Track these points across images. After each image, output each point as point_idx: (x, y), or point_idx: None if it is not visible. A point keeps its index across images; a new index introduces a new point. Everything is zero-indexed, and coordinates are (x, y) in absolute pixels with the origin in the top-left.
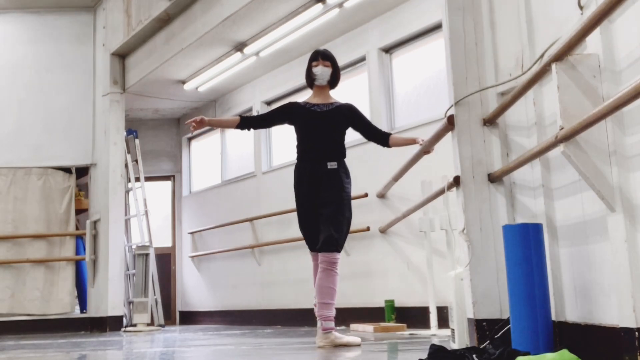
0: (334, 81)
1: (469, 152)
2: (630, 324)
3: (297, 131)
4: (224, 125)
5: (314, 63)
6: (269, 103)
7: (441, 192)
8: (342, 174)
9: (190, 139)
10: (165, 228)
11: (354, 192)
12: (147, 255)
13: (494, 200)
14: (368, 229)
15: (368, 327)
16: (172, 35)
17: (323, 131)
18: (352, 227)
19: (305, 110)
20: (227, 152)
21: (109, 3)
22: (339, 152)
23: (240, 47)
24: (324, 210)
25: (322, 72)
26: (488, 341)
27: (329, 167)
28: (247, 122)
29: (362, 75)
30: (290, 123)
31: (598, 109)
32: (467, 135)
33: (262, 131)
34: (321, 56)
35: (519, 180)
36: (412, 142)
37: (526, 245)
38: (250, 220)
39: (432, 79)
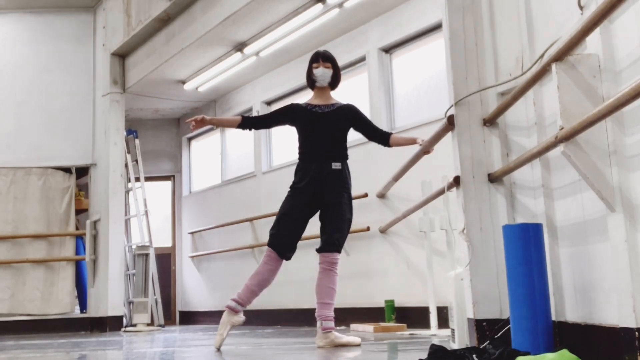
0: (334, 82)
1: (469, 152)
2: (630, 324)
3: (299, 133)
4: (225, 124)
5: (314, 64)
6: (269, 103)
7: (441, 192)
8: (346, 175)
9: (190, 139)
10: (165, 228)
11: (354, 192)
12: (147, 255)
13: (494, 200)
14: (368, 229)
15: (368, 327)
16: (172, 35)
17: (325, 132)
18: (352, 227)
19: (307, 111)
20: (227, 152)
21: (109, 3)
22: (342, 153)
23: (240, 47)
24: (326, 210)
25: (323, 73)
26: (488, 341)
27: (333, 167)
28: (248, 122)
29: (362, 75)
30: (292, 125)
31: (598, 109)
32: (467, 135)
33: (262, 131)
34: (322, 57)
35: (519, 180)
36: (412, 142)
37: (526, 245)
38: (250, 220)
39: (432, 79)
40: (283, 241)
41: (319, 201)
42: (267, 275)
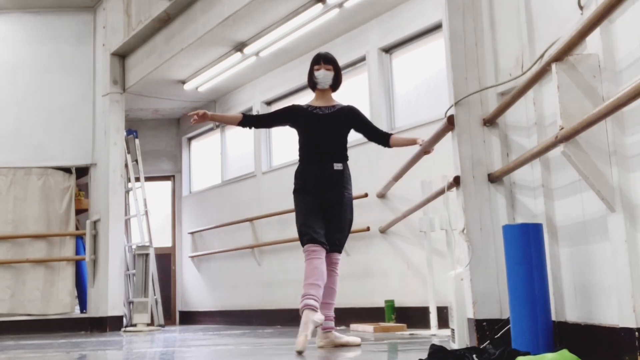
0: (336, 84)
1: (469, 152)
2: (630, 324)
3: (300, 134)
4: (226, 121)
5: (315, 67)
6: (269, 103)
7: (441, 192)
8: (347, 175)
9: (190, 139)
10: (165, 228)
11: (354, 192)
12: (147, 255)
13: (494, 200)
14: (368, 229)
15: (368, 327)
16: (172, 35)
17: (326, 133)
18: (352, 227)
19: (308, 113)
20: (227, 152)
21: (109, 3)
22: (343, 154)
23: (240, 47)
24: (327, 211)
25: (324, 75)
26: (488, 341)
27: (335, 168)
28: (249, 120)
29: (362, 75)
30: (292, 126)
31: (598, 109)
32: (467, 135)
33: (262, 131)
34: (323, 60)
35: (519, 180)
36: (413, 142)
37: (526, 245)
38: (250, 220)
39: (432, 79)
40: (316, 231)
41: (321, 201)
42: (320, 265)
